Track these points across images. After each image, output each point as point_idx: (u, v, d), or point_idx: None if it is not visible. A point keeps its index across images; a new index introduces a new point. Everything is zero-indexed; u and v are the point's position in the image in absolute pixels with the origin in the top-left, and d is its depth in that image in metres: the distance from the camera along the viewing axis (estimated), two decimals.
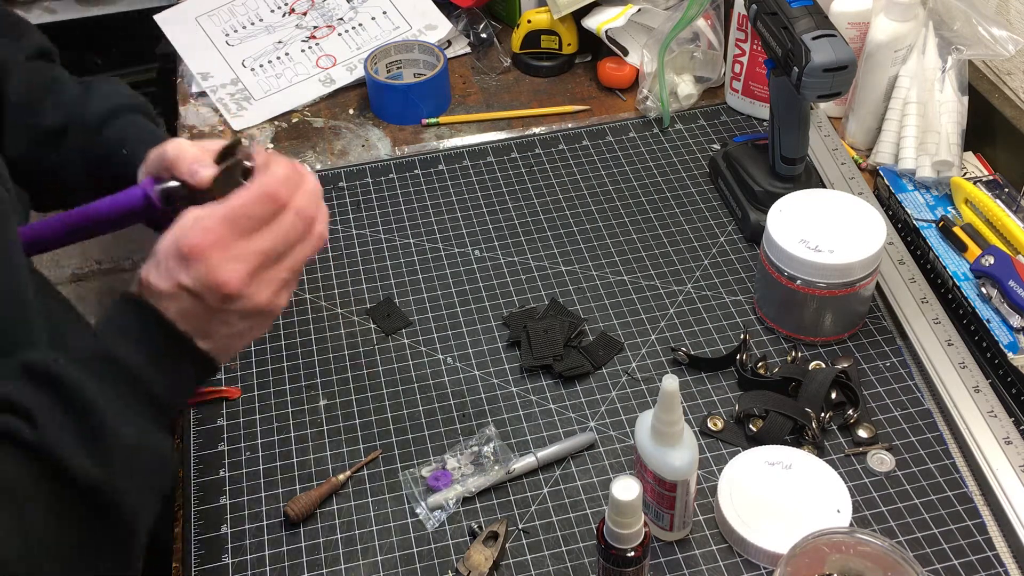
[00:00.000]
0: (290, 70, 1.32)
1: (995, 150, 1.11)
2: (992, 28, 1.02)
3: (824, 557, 0.70)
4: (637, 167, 1.17)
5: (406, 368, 0.95)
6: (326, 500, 0.84)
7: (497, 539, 0.80)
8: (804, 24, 0.92)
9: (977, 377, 0.88)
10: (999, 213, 0.98)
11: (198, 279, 0.63)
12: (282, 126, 1.27)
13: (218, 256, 0.63)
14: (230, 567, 0.80)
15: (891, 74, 1.10)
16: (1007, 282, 0.91)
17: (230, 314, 0.65)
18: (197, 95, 1.32)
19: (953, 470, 0.84)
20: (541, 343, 0.94)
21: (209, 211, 0.65)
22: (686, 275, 1.03)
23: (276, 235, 0.66)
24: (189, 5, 1.40)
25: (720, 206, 1.11)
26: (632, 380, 0.93)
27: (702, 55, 1.24)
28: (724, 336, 0.96)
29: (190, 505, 0.85)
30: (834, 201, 0.93)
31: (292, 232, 0.66)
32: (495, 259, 1.06)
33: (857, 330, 0.96)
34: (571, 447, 0.87)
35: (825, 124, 1.17)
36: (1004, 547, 0.79)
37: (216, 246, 0.63)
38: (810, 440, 0.85)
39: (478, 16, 1.37)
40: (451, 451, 0.87)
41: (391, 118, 1.26)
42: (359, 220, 1.12)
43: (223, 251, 0.63)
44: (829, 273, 0.89)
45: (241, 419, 0.91)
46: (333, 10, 1.39)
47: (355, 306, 1.02)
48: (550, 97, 1.29)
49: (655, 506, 0.77)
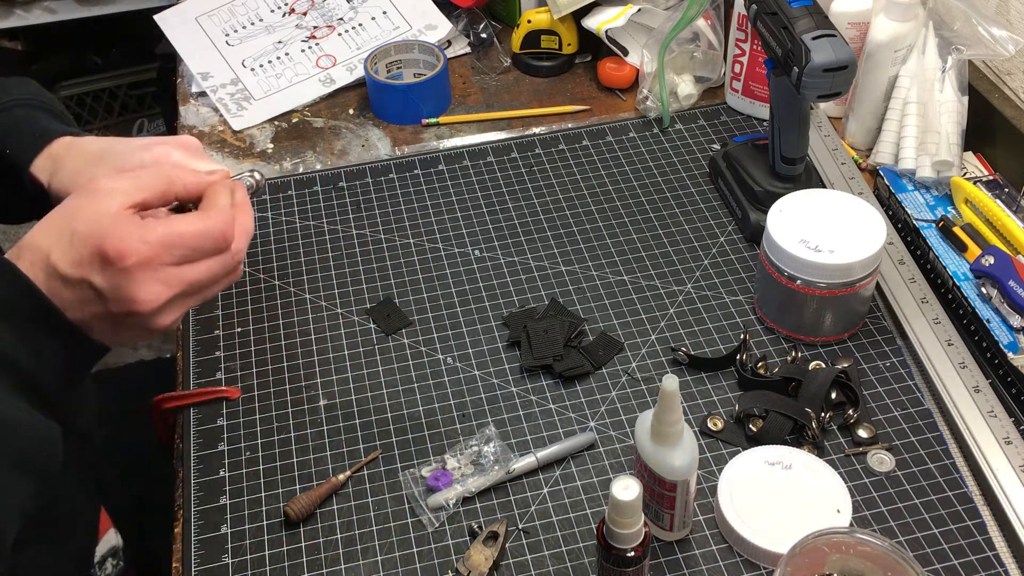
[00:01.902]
0: (290, 70, 1.32)
1: (995, 150, 1.11)
2: (992, 28, 1.02)
3: (824, 557, 0.70)
4: (637, 167, 1.17)
5: (406, 368, 0.95)
6: (326, 500, 0.84)
7: (497, 539, 0.80)
8: (804, 24, 0.92)
9: (977, 377, 0.88)
10: (999, 213, 0.98)
11: (113, 286, 0.61)
12: (282, 126, 1.27)
13: (144, 274, 0.61)
14: (230, 567, 0.80)
15: (891, 74, 1.10)
16: (1007, 282, 0.91)
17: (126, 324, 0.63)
18: (197, 95, 1.32)
19: (953, 470, 0.84)
20: (541, 343, 0.94)
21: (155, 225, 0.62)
22: (686, 275, 1.03)
23: (207, 271, 0.64)
24: (189, 5, 1.40)
25: (720, 206, 1.11)
26: (632, 380, 0.93)
27: (702, 55, 1.24)
28: (724, 336, 0.96)
29: (190, 505, 0.85)
30: (834, 201, 0.94)
31: (221, 271, 0.65)
32: (495, 259, 1.06)
33: (857, 330, 0.96)
34: (571, 447, 0.87)
35: (825, 124, 1.17)
36: (1004, 547, 0.79)
37: (146, 263, 0.61)
38: (810, 440, 0.85)
39: (478, 16, 1.37)
40: (451, 451, 0.87)
41: (391, 118, 1.26)
42: (359, 220, 1.12)
43: (151, 271, 0.61)
44: (829, 273, 0.89)
45: (241, 419, 0.91)
46: (333, 10, 1.39)
47: (355, 306, 1.02)
48: (550, 97, 1.29)
49: (655, 506, 0.77)
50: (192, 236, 0.63)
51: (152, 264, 0.61)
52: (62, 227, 0.62)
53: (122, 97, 2.38)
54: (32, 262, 0.62)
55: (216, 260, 0.65)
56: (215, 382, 0.94)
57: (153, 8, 1.46)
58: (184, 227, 0.63)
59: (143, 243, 0.61)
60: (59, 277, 0.61)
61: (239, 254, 0.67)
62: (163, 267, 0.62)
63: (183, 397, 0.93)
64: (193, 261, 0.64)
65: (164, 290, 0.62)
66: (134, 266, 0.61)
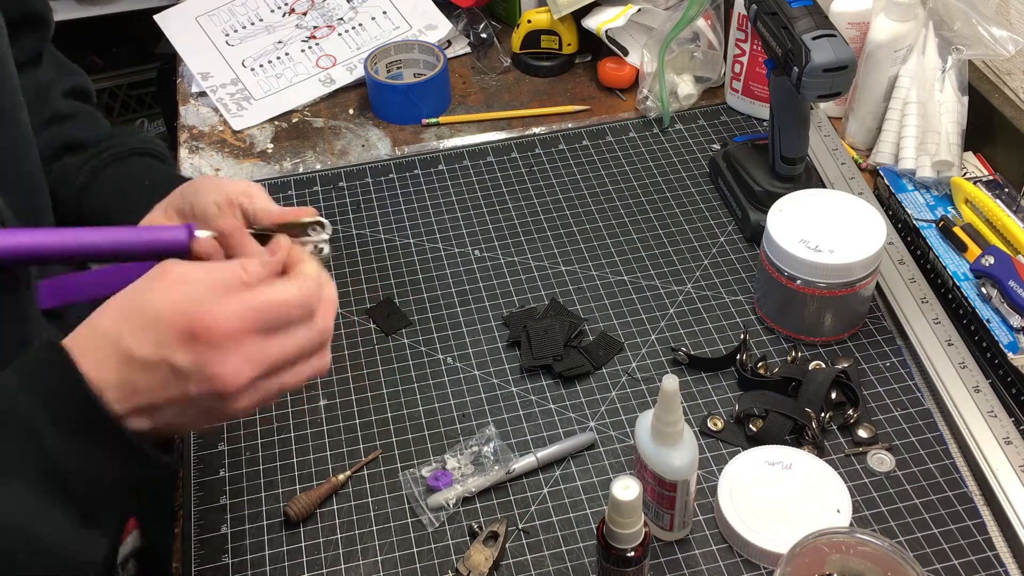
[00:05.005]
0: (290, 70, 1.32)
1: (995, 150, 1.11)
2: (992, 28, 1.02)
3: (824, 557, 0.70)
4: (637, 167, 1.17)
5: (406, 368, 0.95)
6: (326, 500, 0.84)
7: (497, 539, 0.80)
8: (804, 24, 0.92)
9: (977, 377, 0.88)
10: (999, 213, 0.98)
11: (197, 365, 0.54)
12: (282, 126, 1.27)
13: (231, 347, 0.55)
14: (230, 567, 0.80)
15: (891, 74, 1.10)
16: (1007, 282, 0.91)
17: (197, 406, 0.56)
18: (197, 95, 1.32)
19: (953, 470, 0.84)
20: (541, 343, 0.94)
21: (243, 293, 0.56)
22: (686, 275, 1.03)
23: (294, 345, 0.58)
24: (189, 5, 1.40)
25: (720, 206, 1.11)
26: (632, 380, 0.93)
27: (702, 55, 1.24)
28: (724, 336, 0.96)
29: (190, 505, 0.85)
30: (834, 201, 0.94)
31: (308, 347, 0.59)
32: (495, 259, 1.06)
33: (857, 330, 0.96)
34: (571, 447, 0.87)
35: (825, 124, 1.17)
36: (1004, 547, 0.79)
37: (234, 336, 0.55)
38: (810, 440, 0.85)
39: (478, 16, 1.37)
40: (451, 451, 0.87)
41: (391, 118, 1.26)
42: (359, 220, 1.12)
43: (238, 345, 0.55)
44: (829, 273, 0.89)
45: (241, 419, 0.91)
46: (333, 10, 1.39)
47: (355, 306, 1.02)
48: (550, 97, 1.29)
49: (655, 506, 0.77)
50: (282, 305, 0.57)
51: (240, 336, 0.55)
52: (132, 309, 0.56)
53: (122, 97, 2.38)
54: (100, 349, 0.55)
55: (304, 333, 0.59)
56: None
57: (153, 8, 1.46)
58: (276, 295, 0.57)
59: (233, 315, 0.55)
60: (136, 362, 0.55)
61: (327, 332, 0.60)
62: (249, 340, 0.56)
63: None
64: (281, 333, 0.58)
65: (249, 368, 0.56)
66: (222, 340, 0.55)
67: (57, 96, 0.90)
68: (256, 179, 1.18)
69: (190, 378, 0.55)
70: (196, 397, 0.55)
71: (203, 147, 1.24)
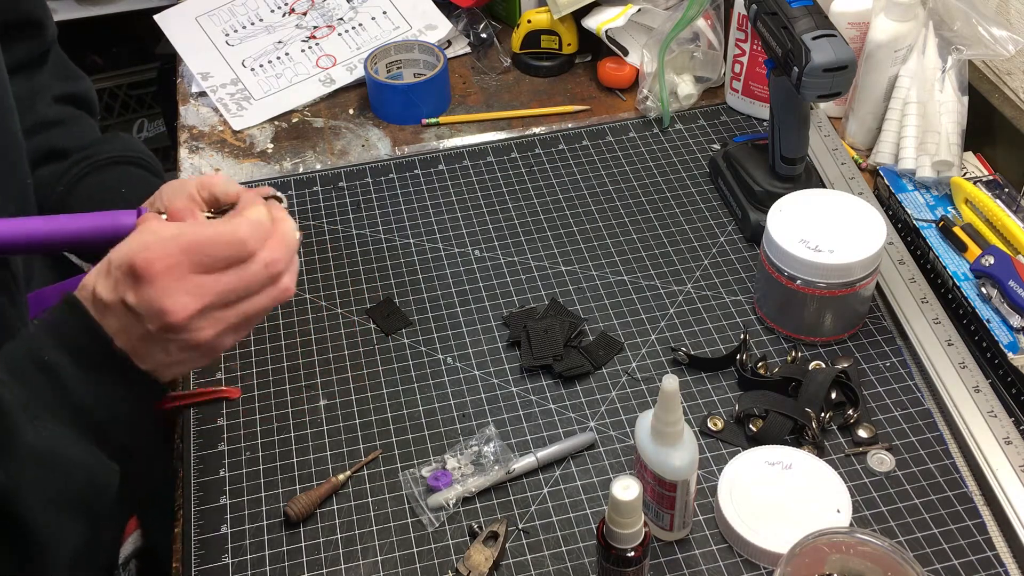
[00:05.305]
0: (290, 70, 1.32)
1: (995, 150, 1.11)
2: (992, 28, 1.02)
3: (824, 557, 0.70)
4: (637, 167, 1.17)
5: (406, 368, 0.95)
6: (326, 500, 0.84)
7: (497, 539, 0.80)
8: (804, 24, 0.92)
9: (977, 377, 0.88)
10: (999, 213, 0.98)
11: (143, 301, 0.61)
12: (282, 126, 1.27)
13: (170, 283, 0.61)
14: (230, 567, 0.80)
15: (891, 74, 1.10)
16: (1007, 282, 0.91)
17: (168, 342, 0.62)
18: (197, 95, 1.32)
19: (953, 470, 0.84)
20: (541, 343, 0.94)
21: (172, 232, 0.62)
22: (686, 275, 1.03)
23: (235, 281, 0.63)
24: (189, 5, 1.40)
25: (720, 206, 1.11)
26: (632, 380, 0.93)
27: (702, 55, 1.24)
28: (724, 336, 0.96)
29: (190, 505, 0.85)
30: (834, 201, 0.94)
31: (253, 282, 0.64)
32: (495, 259, 1.06)
33: (857, 330, 0.96)
34: (571, 447, 0.87)
35: (825, 124, 1.17)
36: (1004, 547, 0.79)
37: (170, 273, 0.61)
38: (810, 440, 0.85)
39: (478, 16, 1.37)
40: (451, 451, 0.87)
41: (391, 118, 1.26)
42: (359, 220, 1.12)
43: (177, 280, 0.61)
44: (829, 273, 0.89)
45: (241, 419, 0.91)
46: (333, 10, 1.39)
47: (355, 306, 1.02)
48: (550, 97, 1.29)
49: (655, 506, 0.78)
50: (207, 244, 0.62)
51: (176, 272, 0.61)
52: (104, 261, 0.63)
53: (122, 97, 2.38)
54: (86, 301, 0.63)
55: (243, 270, 0.63)
56: (215, 382, 0.94)
57: (153, 8, 1.46)
58: (201, 234, 0.62)
59: (166, 253, 0.61)
60: (104, 307, 0.61)
61: (273, 265, 0.64)
62: (188, 275, 0.61)
63: (183, 397, 0.93)
64: (217, 271, 0.63)
65: (191, 300, 0.61)
66: (158, 274, 0.60)
67: (46, 102, 0.90)
68: (256, 179, 1.19)
69: (143, 315, 0.61)
70: (156, 333, 0.61)
71: (203, 147, 1.24)
